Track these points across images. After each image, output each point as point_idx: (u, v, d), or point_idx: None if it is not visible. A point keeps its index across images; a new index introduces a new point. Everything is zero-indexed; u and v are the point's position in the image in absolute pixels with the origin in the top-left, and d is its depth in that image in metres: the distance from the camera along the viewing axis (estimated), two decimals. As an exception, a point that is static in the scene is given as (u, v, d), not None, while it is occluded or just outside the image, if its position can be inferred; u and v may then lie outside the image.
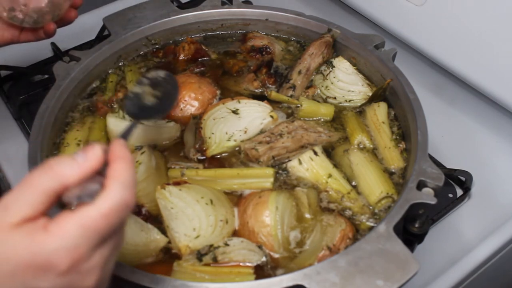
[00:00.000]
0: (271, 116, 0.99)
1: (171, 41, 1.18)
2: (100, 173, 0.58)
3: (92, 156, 0.58)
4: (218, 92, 1.07)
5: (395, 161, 0.94)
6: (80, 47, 1.33)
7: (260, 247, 0.82)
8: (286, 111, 1.04)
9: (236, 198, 0.90)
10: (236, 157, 0.96)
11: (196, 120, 1.00)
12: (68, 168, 0.56)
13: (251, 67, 1.13)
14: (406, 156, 0.94)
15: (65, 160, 0.57)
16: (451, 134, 1.18)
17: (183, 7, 1.40)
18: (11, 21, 0.97)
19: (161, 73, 0.92)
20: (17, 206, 0.54)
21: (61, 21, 1.04)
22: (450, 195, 1.05)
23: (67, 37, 1.38)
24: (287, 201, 0.87)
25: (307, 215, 0.87)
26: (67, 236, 0.53)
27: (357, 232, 0.85)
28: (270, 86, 1.09)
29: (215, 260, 0.79)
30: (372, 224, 0.86)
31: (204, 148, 0.96)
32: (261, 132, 0.98)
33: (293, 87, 1.06)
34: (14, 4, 0.96)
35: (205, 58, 1.15)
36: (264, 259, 0.81)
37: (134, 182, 0.58)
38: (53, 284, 0.54)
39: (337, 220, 0.85)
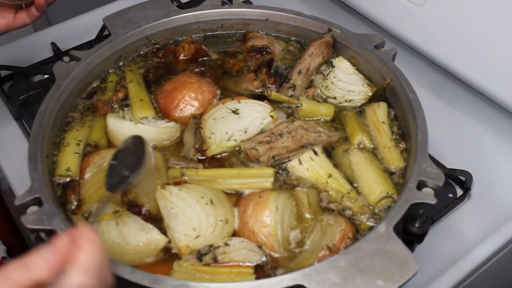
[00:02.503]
0: (271, 116, 0.99)
1: (171, 41, 1.18)
2: None
3: (58, 249, 0.59)
4: (218, 92, 1.07)
5: (395, 161, 0.94)
6: (80, 47, 1.33)
7: (260, 247, 0.82)
8: (286, 111, 1.04)
9: (236, 198, 0.90)
10: (236, 157, 0.96)
11: (196, 120, 1.00)
12: (37, 267, 0.57)
13: (251, 67, 1.12)
14: (406, 156, 0.94)
15: (35, 258, 0.58)
16: (451, 134, 1.18)
17: (183, 7, 1.40)
18: (4, 0, 0.98)
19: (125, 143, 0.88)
20: None
21: None
22: (450, 195, 1.05)
23: (67, 37, 1.38)
24: (287, 201, 0.87)
25: (307, 215, 0.87)
26: None
27: (357, 232, 0.85)
28: (270, 86, 1.09)
29: (215, 260, 0.79)
30: (372, 224, 0.86)
31: (204, 148, 0.96)
32: (261, 132, 0.98)
33: (293, 87, 1.06)
34: None
35: (205, 58, 1.15)
36: (264, 259, 0.81)
37: (97, 265, 0.59)
38: None
39: (337, 220, 0.85)
